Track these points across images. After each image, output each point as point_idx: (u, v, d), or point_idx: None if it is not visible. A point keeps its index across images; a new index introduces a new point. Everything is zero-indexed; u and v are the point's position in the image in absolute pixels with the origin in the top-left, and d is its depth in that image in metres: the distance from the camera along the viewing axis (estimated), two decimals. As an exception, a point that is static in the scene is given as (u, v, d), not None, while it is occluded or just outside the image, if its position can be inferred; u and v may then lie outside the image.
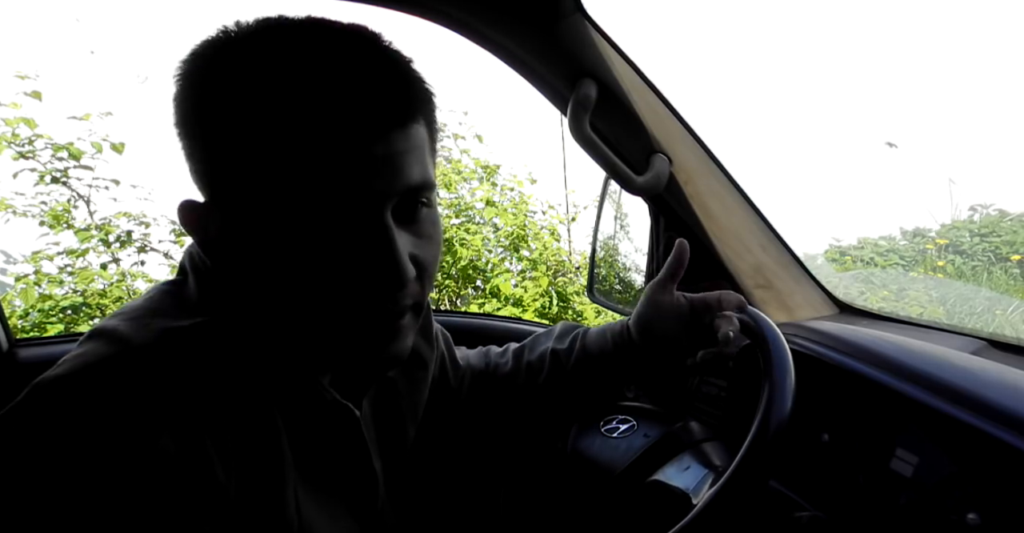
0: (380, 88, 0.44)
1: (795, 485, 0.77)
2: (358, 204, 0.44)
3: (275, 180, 0.43)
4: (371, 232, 0.45)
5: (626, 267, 1.25)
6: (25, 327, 2.39)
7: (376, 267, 0.45)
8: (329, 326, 0.48)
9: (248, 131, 0.42)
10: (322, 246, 0.44)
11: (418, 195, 0.47)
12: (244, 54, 0.44)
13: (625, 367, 0.77)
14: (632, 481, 0.79)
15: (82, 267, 2.53)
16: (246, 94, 0.42)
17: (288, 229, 0.44)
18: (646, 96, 0.84)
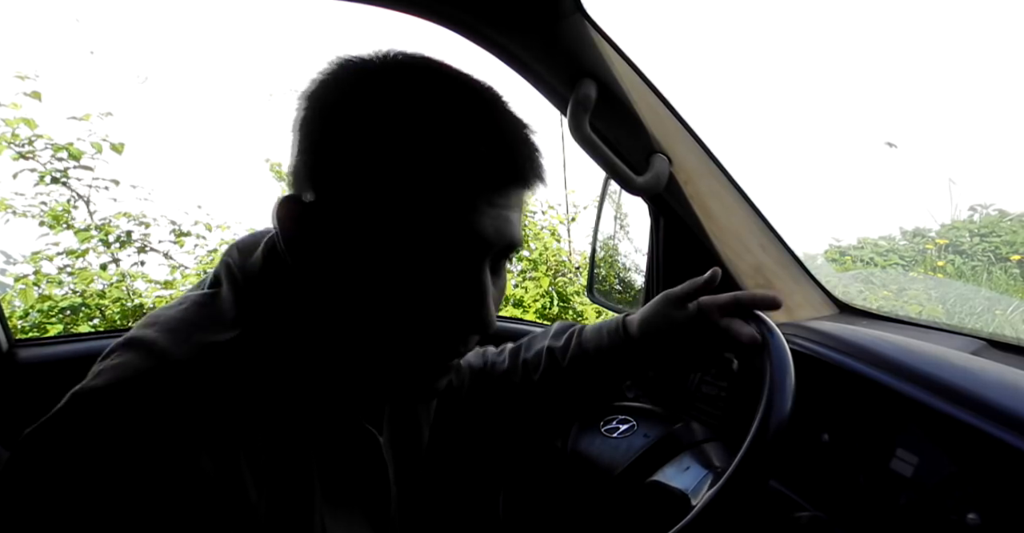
0: (517, 150, 0.46)
1: (795, 485, 0.77)
2: (466, 248, 0.46)
3: (396, 202, 0.44)
4: (470, 278, 0.47)
5: (626, 267, 1.25)
6: (25, 327, 2.39)
7: (468, 312, 0.47)
8: (393, 357, 0.49)
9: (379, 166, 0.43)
10: (418, 280, 0.46)
11: (511, 252, 0.50)
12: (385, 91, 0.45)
13: (621, 363, 0.77)
14: (632, 481, 0.79)
15: (82, 267, 2.53)
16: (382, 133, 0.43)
17: (391, 255, 0.45)
18: (646, 96, 0.84)
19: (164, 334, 0.47)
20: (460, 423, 0.82)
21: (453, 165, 0.43)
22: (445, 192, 0.43)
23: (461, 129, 0.44)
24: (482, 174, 0.44)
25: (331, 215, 0.46)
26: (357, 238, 0.45)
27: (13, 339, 1.03)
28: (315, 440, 0.50)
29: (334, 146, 0.45)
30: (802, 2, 5.46)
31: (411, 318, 0.46)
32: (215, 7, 3.81)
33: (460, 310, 0.47)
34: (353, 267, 0.46)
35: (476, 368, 0.84)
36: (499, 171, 0.45)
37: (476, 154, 0.44)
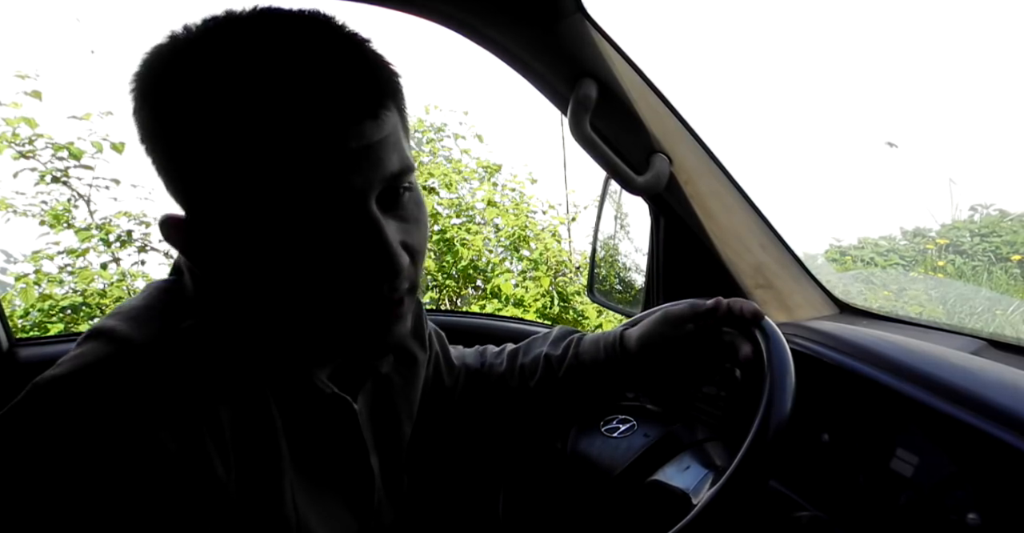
0: (346, 78, 0.42)
1: (795, 485, 0.77)
2: (341, 200, 0.43)
3: (252, 185, 0.42)
4: (359, 226, 0.44)
5: (626, 267, 1.25)
6: (25, 326, 2.39)
7: (370, 259, 0.45)
8: (328, 320, 0.47)
9: (215, 139, 0.41)
10: (311, 245, 0.44)
11: (399, 182, 0.46)
12: (197, 58, 0.42)
13: (617, 377, 0.78)
14: (632, 481, 0.79)
15: (82, 267, 2.53)
16: (206, 100, 0.41)
17: (274, 232, 0.43)
18: (646, 96, 0.84)
19: (124, 322, 0.47)
20: (452, 422, 0.82)
21: (283, 121, 0.40)
22: (288, 151, 0.41)
23: (278, 82, 0.40)
24: (318, 120, 0.41)
25: (204, 219, 0.46)
26: (241, 229, 0.44)
27: (13, 338, 1.03)
28: (285, 415, 0.50)
29: (173, 151, 0.44)
30: (802, 2, 5.46)
31: (321, 278, 0.45)
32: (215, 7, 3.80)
33: (362, 257, 0.44)
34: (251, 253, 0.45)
35: (472, 369, 0.84)
36: (336, 111, 0.41)
37: (303, 103, 0.40)
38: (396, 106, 0.46)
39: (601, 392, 0.80)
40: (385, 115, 0.44)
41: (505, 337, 0.95)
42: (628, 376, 0.77)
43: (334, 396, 0.55)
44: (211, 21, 0.43)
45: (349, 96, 0.42)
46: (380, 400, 0.67)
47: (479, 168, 3.19)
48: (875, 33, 5.34)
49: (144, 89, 0.44)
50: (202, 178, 0.43)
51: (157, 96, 0.43)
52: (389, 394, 0.68)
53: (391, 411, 0.68)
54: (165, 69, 0.43)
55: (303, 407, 0.53)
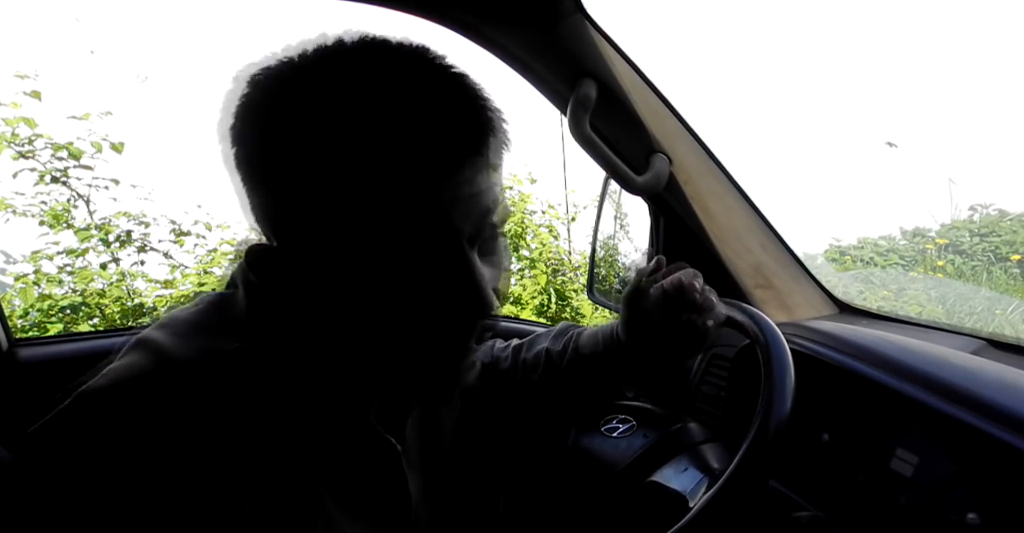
0: (457, 115, 0.42)
1: (795, 485, 0.77)
2: (442, 242, 0.43)
3: (360, 222, 0.41)
4: (455, 267, 0.44)
5: (626, 267, 1.25)
6: (25, 326, 2.39)
7: (463, 301, 0.45)
8: (407, 356, 0.47)
9: (324, 170, 0.41)
10: (405, 283, 0.43)
11: (491, 221, 0.47)
12: (315, 85, 0.42)
13: (616, 368, 0.77)
14: (630, 481, 0.79)
15: (82, 267, 2.53)
16: (321, 130, 0.40)
17: (369, 268, 0.43)
18: (646, 96, 0.84)
19: (172, 337, 0.46)
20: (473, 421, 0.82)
21: (394, 156, 0.40)
22: (403, 192, 0.41)
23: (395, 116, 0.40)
24: (427, 157, 0.41)
25: (300, 251, 0.45)
26: (334, 262, 0.43)
27: (13, 338, 1.03)
28: (327, 451, 0.49)
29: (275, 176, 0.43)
30: (802, 2, 5.46)
31: (410, 318, 0.45)
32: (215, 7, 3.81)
33: (455, 299, 0.44)
34: (339, 287, 0.44)
35: (484, 362, 0.84)
36: (445, 148, 0.41)
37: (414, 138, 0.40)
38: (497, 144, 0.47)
39: (602, 385, 0.79)
40: (496, 160, 0.45)
41: (505, 337, 0.95)
42: (627, 365, 0.76)
43: (382, 439, 0.54)
44: (324, 49, 0.43)
45: (458, 133, 0.42)
46: (428, 418, 0.66)
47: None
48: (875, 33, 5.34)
49: (255, 110, 0.43)
50: (303, 206, 0.43)
51: (270, 118, 0.42)
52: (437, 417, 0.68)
53: (437, 427, 0.67)
54: (282, 92, 0.42)
55: (348, 444, 0.52)
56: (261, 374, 0.46)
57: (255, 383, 0.45)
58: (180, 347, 0.45)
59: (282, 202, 0.44)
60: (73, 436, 0.40)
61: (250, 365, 0.46)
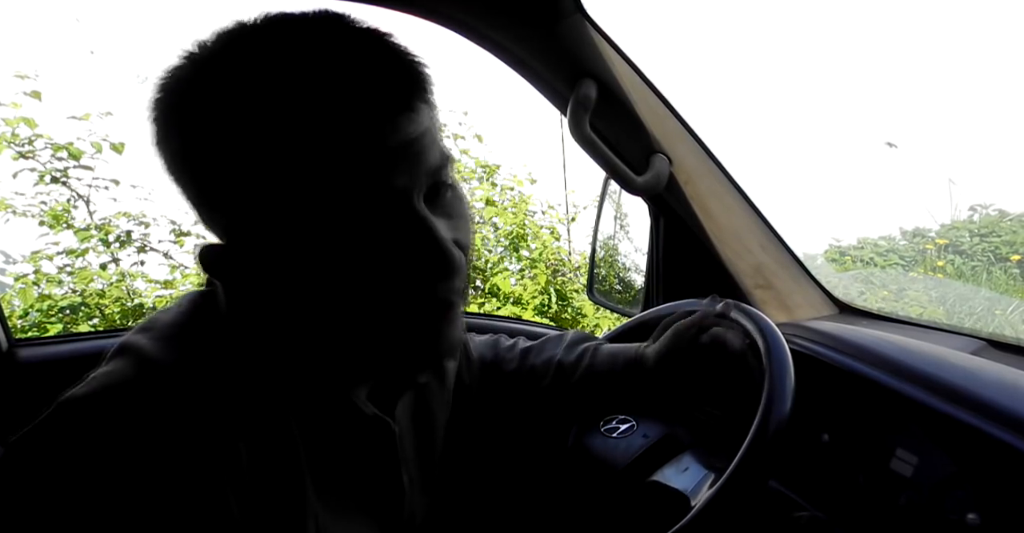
0: (376, 74, 0.40)
1: (795, 485, 0.77)
2: (387, 201, 0.42)
3: (295, 198, 0.40)
4: (407, 226, 0.42)
5: (626, 267, 1.25)
6: (24, 327, 2.39)
7: (423, 259, 0.43)
8: (381, 331, 0.45)
9: (252, 154, 0.40)
10: (361, 252, 0.42)
11: (441, 176, 0.45)
12: (221, 74, 0.40)
13: (632, 392, 0.78)
14: (631, 481, 0.79)
15: (81, 267, 2.53)
16: (238, 116, 0.39)
17: (321, 244, 0.42)
18: (646, 96, 0.84)
19: (154, 341, 0.46)
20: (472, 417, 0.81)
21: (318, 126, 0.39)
22: (326, 157, 0.39)
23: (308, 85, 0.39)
24: (352, 121, 0.39)
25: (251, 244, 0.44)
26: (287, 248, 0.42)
27: (13, 338, 1.03)
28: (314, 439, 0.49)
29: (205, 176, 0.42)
30: (802, 2, 5.46)
31: (375, 286, 0.43)
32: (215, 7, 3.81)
33: (415, 258, 0.43)
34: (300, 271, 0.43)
35: (487, 360, 0.83)
36: (370, 109, 0.40)
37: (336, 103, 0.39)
38: (429, 99, 0.45)
39: (611, 402, 0.81)
40: (420, 108, 0.43)
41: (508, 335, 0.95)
42: (645, 392, 0.78)
43: (374, 417, 0.53)
44: (225, 35, 0.42)
45: (382, 91, 0.40)
46: (419, 408, 0.65)
47: (478, 168, 3.19)
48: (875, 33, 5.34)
49: (168, 114, 0.42)
50: (242, 198, 0.42)
51: (185, 120, 0.41)
52: (427, 401, 0.66)
53: (429, 418, 0.66)
54: (189, 90, 0.41)
55: (336, 429, 0.51)
56: (243, 372, 0.46)
57: (239, 381, 0.45)
58: (162, 351, 0.45)
59: (218, 199, 0.43)
60: (54, 445, 0.40)
61: (233, 363, 0.46)
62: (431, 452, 0.67)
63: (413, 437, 0.63)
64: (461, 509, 1.01)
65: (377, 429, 0.54)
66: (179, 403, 0.42)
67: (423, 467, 0.65)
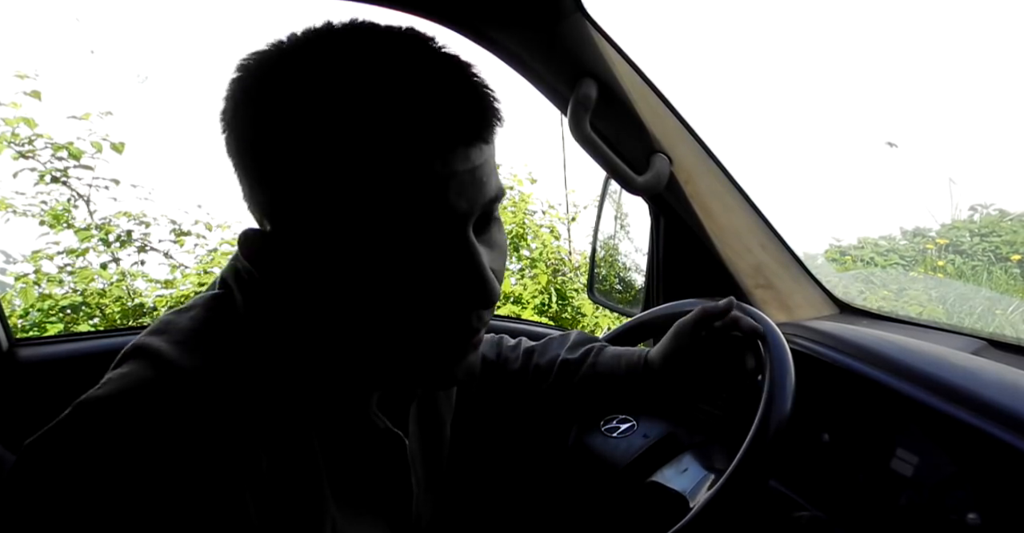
0: (459, 101, 0.41)
1: (795, 485, 0.77)
2: (442, 224, 0.42)
3: (350, 202, 0.40)
4: (456, 251, 0.43)
5: (626, 267, 1.25)
6: (25, 326, 2.39)
7: (464, 287, 0.43)
8: (405, 348, 0.46)
9: (316, 150, 0.40)
10: (404, 270, 0.42)
11: (494, 207, 0.46)
12: (305, 68, 0.41)
13: (635, 393, 0.78)
14: (631, 481, 0.79)
15: (82, 267, 2.53)
16: (312, 110, 0.39)
17: (366, 252, 0.42)
18: (646, 96, 0.84)
19: (172, 345, 0.46)
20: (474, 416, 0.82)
21: (391, 140, 0.39)
22: (392, 171, 0.39)
23: (389, 98, 0.39)
24: (426, 142, 0.39)
25: (295, 238, 0.44)
26: (330, 249, 0.43)
27: (13, 338, 1.03)
28: (329, 446, 0.49)
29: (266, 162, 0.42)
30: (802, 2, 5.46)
31: (410, 305, 0.43)
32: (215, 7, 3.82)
33: (457, 285, 0.43)
34: (336, 275, 0.43)
35: (488, 359, 0.84)
36: (446, 133, 0.40)
37: (413, 122, 0.39)
38: (495, 132, 0.45)
39: (614, 403, 0.81)
40: (489, 140, 0.43)
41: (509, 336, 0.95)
42: (650, 393, 0.78)
43: (387, 432, 0.53)
44: (315, 31, 0.42)
45: (461, 119, 0.41)
46: (426, 410, 0.65)
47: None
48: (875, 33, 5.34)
49: (243, 95, 0.43)
50: (295, 191, 0.41)
51: (258, 103, 0.42)
52: (435, 403, 0.67)
53: (436, 420, 0.67)
54: (269, 77, 0.42)
55: (351, 440, 0.51)
56: (264, 377, 0.46)
57: (259, 387, 0.45)
58: (181, 354, 0.45)
59: (273, 187, 0.43)
60: (72, 446, 0.40)
61: (253, 369, 0.45)
62: (438, 454, 0.67)
63: (419, 440, 0.64)
64: (465, 508, 1.02)
65: (389, 443, 0.55)
66: (199, 408, 0.42)
67: (429, 468, 0.65)
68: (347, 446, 0.51)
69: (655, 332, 1.00)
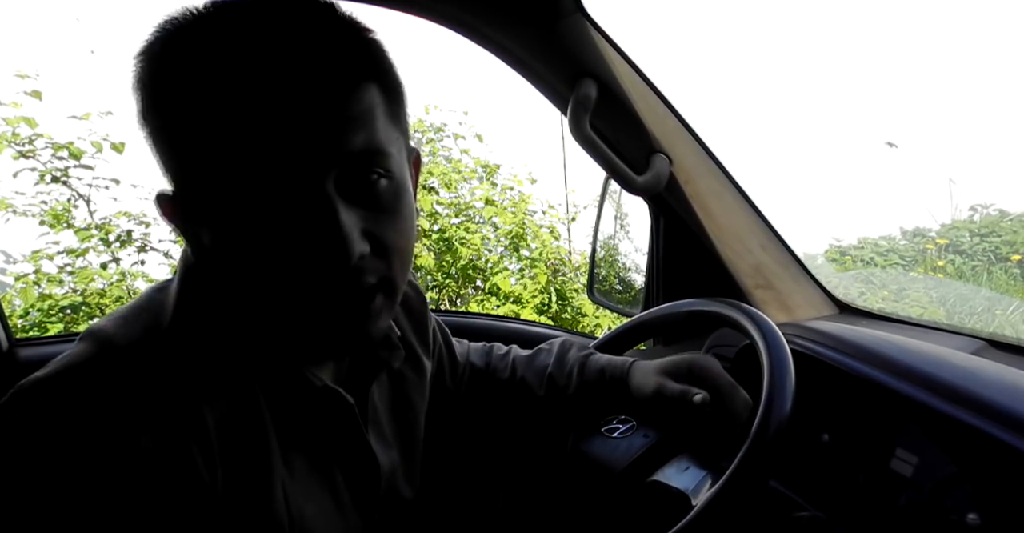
0: (311, 52, 0.42)
1: (795, 485, 0.77)
2: (295, 176, 0.42)
3: (220, 161, 0.42)
4: (312, 205, 0.43)
5: (626, 267, 1.25)
6: (25, 326, 2.39)
7: (322, 243, 0.43)
8: (295, 308, 0.46)
9: (194, 114, 0.42)
10: (271, 226, 0.43)
11: (367, 165, 0.45)
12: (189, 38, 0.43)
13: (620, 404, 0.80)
14: (631, 481, 0.79)
15: (82, 266, 2.53)
16: (191, 77, 0.42)
17: (239, 211, 0.43)
18: (646, 96, 0.84)
19: (114, 322, 0.48)
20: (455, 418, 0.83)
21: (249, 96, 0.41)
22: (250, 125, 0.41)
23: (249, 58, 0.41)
24: (279, 94, 0.41)
25: (187, 197, 0.46)
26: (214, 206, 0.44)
27: (13, 338, 1.03)
28: (276, 412, 0.50)
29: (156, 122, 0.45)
30: (802, 2, 5.46)
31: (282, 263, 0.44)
32: (215, 6, 3.81)
33: (316, 242, 0.43)
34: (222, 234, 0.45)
35: (477, 368, 0.84)
36: (298, 84, 0.41)
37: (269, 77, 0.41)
38: (378, 84, 0.46)
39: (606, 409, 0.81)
40: (358, 92, 0.44)
41: (505, 337, 0.95)
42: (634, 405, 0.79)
43: (325, 389, 0.53)
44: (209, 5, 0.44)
45: (309, 67, 0.42)
46: (397, 395, 0.67)
47: (478, 167, 3.20)
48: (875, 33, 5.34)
49: (143, 66, 0.45)
50: (185, 154, 0.44)
51: (153, 74, 0.44)
52: (404, 389, 0.68)
53: (408, 405, 0.68)
54: (162, 48, 0.44)
55: (296, 402, 0.52)
56: (198, 343, 0.47)
57: (194, 353, 0.46)
58: (121, 329, 0.46)
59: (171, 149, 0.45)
60: (13, 425, 0.41)
61: (188, 334, 0.47)
62: (412, 438, 0.68)
63: (392, 422, 0.65)
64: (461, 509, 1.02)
65: (332, 401, 0.54)
66: (137, 374, 0.43)
67: (404, 451, 0.66)
68: (292, 405, 0.52)
69: (654, 333, 1.00)
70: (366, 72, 0.45)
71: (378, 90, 0.46)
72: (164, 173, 0.48)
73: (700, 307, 0.81)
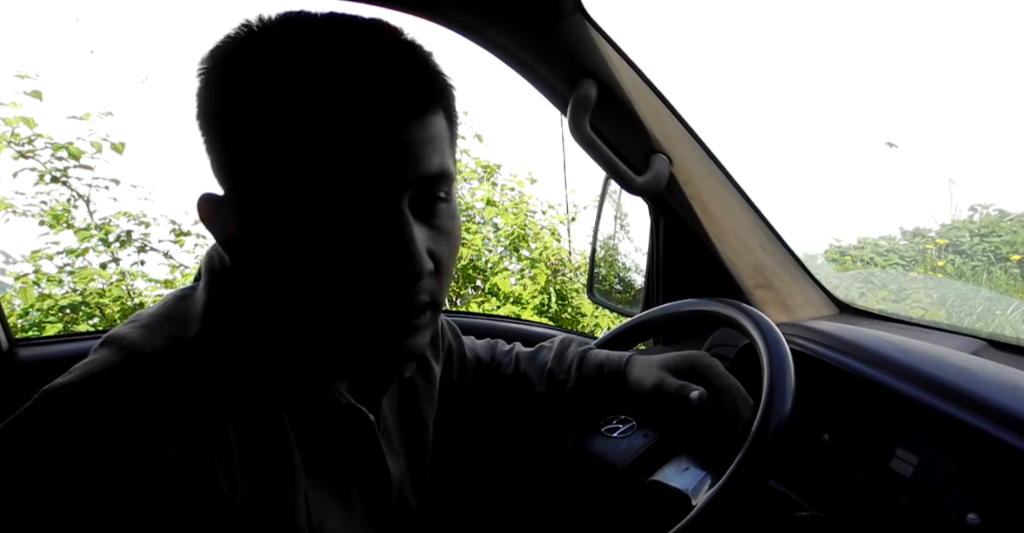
0: (397, 78, 0.43)
1: (795, 485, 0.77)
2: (373, 193, 0.43)
3: (292, 171, 0.43)
4: (386, 222, 0.44)
5: (626, 267, 1.25)
6: (24, 326, 2.39)
7: (391, 258, 0.44)
8: (344, 322, 0.47)
9: (268, 124, 0.42)
10: (337, 238, 0.44)
11: (435, 187, 0.46)
12: (265, 48, 0.44)
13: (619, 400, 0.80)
14: (631, 481, 0.79)
15: (82, 266, 2.52)
16: (266, 87, 0.42)
17: (304, 221, 0.43)
18: (646, 96, 0.84)
19: (136, 330, 0.47)
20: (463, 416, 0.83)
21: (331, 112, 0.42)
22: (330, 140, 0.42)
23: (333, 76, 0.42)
24: (363, 114, 0.42)
25: (246, 202, 0.46)
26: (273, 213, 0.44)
27: (13, 338, 1.03)
28: (298, 425, 0.50)
29: (220, 125, 0.45)
30: (802, 2, 5.46)
31: (341, 276, 0.44)
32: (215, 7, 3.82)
33: (384, 256, 0.44)
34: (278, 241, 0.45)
35: (483, 362, 0.85)
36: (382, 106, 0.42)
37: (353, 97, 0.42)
38: (444, 112, 0.47)
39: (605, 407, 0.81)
40: (430, 117, 0.45)
41: (505, 337, 0.95)
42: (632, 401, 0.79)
43: (350, 407, 0.54)
44: (285, 16, 0.45)
45: (397, 93, 0.43)
46: (406, 404, 0.67)
47: (478, 168, 3.20)
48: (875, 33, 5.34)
49: (213, 69, 0.45)
50: (250, 159, 0.44)
51: (226, 77, 0.44)
52: (414, 397, 0.68)
53: (417, 414, 0.68)
54: (237, 54, 0.44)
55: (318, 417, 0.52)
56: (224, 355, 0.47)
57: (219, 365, 0.46)
58: (144, 339, 0.46)
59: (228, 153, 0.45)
60: (38, 434, 0.40)
61: (215, 345, 0.47)
62: (421, 446, 0.68)
63: (400, 431, 0.65)
64: (462, 508, 1.02)
65: (354, 418, 0.55)
66: (162, 385, 0.43)
67: (412, 460, 0.66)
68: (315, 421, 0.52)
69: (654, 333, 1.00)
70: (439, 99, 0.47)
71: (444, 117, 0.47)
72: (219, 176, 0.47)
73: (700, 307, 0.81)
